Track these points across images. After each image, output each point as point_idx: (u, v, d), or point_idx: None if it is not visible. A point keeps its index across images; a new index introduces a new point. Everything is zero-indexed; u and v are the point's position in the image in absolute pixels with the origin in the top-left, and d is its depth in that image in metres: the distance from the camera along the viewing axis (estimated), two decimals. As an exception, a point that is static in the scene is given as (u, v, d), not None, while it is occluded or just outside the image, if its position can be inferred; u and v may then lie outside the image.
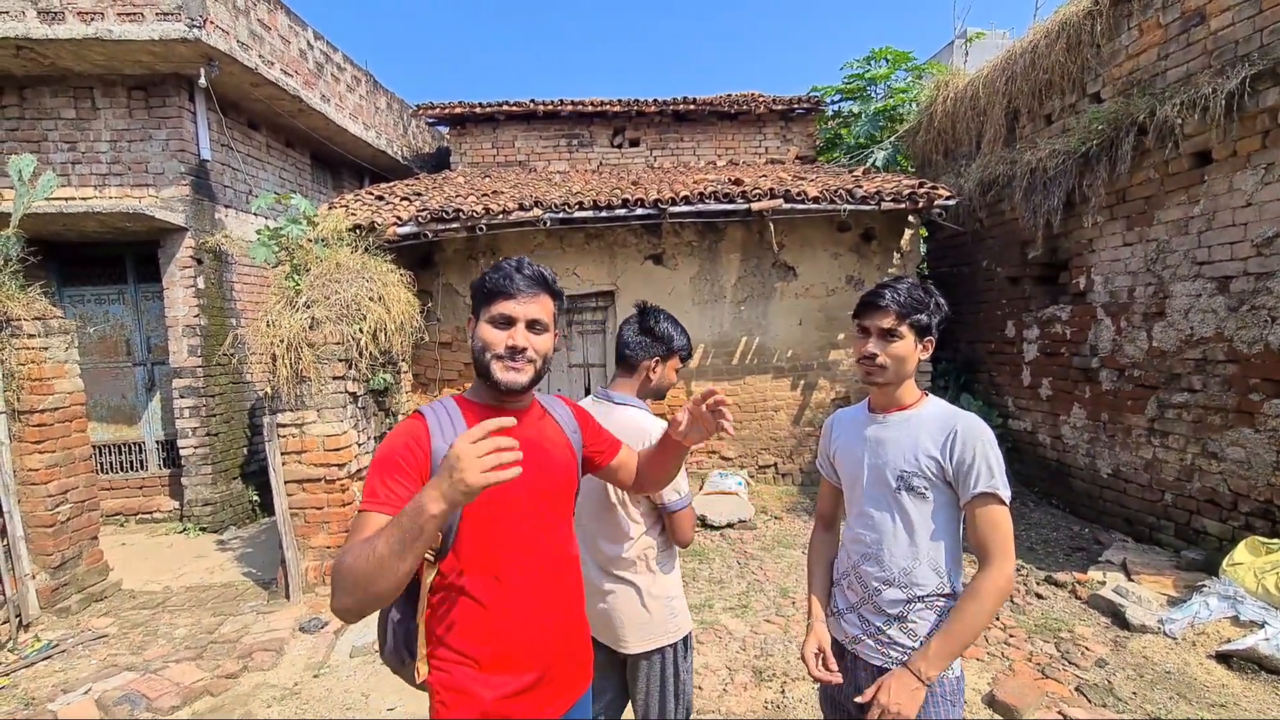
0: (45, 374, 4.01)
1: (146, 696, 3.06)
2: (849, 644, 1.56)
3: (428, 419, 1.25)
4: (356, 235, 5.04)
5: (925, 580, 1.47)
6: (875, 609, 1.51)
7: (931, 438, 1.47)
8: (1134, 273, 4.64)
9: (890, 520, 1.50)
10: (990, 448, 1.42)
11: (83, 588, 4.18)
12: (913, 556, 1.47)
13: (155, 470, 6.21)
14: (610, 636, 1.79)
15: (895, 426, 1.53)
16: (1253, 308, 3.76)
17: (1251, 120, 3.73)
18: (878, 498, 1.53)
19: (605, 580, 1.78)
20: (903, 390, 1.55)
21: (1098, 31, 4.92)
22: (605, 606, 1.77)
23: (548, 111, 8.43)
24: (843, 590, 1.61)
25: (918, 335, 1.50)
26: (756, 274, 6.50)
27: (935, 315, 1.52)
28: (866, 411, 1.63)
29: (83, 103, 5.60)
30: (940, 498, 1.47)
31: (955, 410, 1.51)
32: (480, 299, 1.31)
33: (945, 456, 1.44)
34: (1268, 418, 3.68)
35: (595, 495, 1.79)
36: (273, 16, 6.22)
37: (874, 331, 1.51)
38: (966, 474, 1.42)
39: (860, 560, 1.55)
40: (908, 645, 1.46)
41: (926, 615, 1.47)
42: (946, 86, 7.08)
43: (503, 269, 1.30)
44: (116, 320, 6.17)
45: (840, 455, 1.67)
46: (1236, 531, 3.85)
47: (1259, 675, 2.91)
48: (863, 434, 1.59)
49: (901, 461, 1.49)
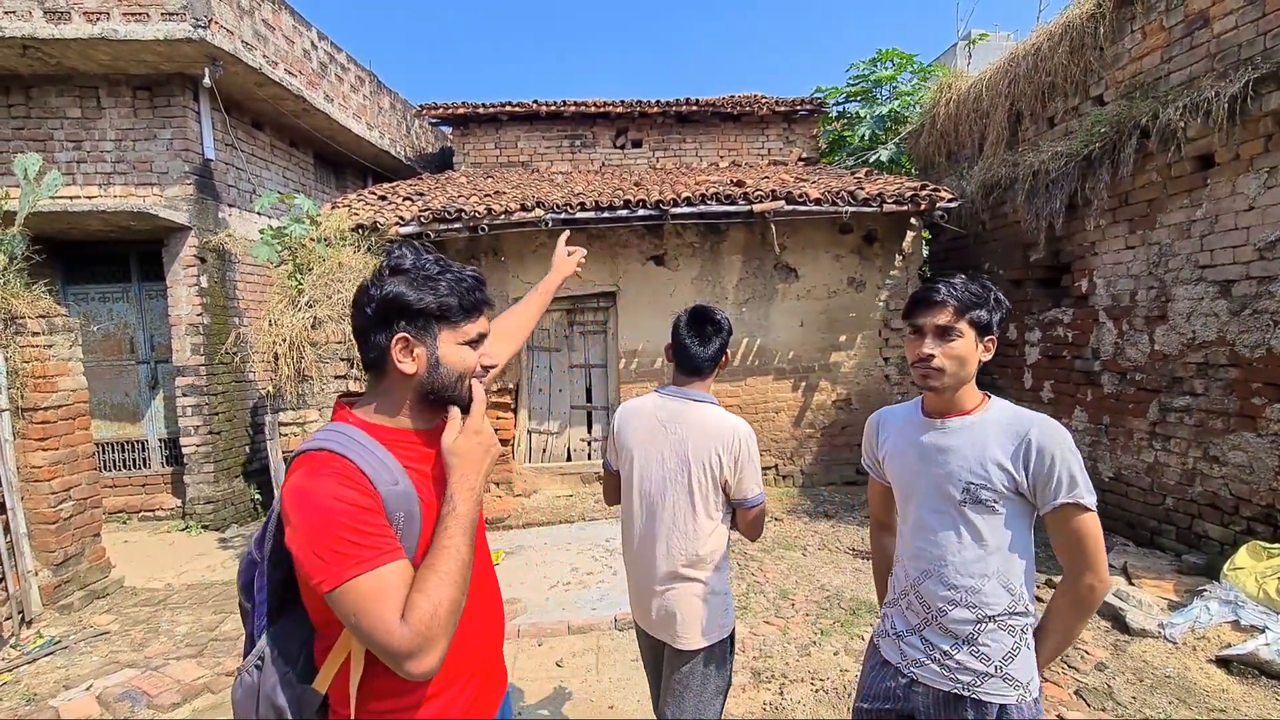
0: (49, 371, 4.03)
1: (147, 693, 3.08)
2: (907, 667, 1.44)
3: (354, 461, 1.01)
4: (359, 235, 5.07)
5: (995, 599, 1.34)
6: (941, 630, 1.39)
7: (1001, 446, 1.34)
8: (1136, 276, 4.63)
9: (955, 535, 1.37)
10: (1070, 453, 1.29)
11: (85, 585, 4.20)
12: (981, 574, 1.35)
13: (158, 468, 6.23)
14: (668, 633, 1.78)
15: (957, 434, 1.40)
16: (1255, 312, 3.75)
17: (1254, 124, 3.72)
18: (939, 511, 1.40)
19: (673, 579, 1.78)
20: (963, 393, 1.42)
21: (1101, 34, 4.91)
22: (666, 603, 1.77)
23: (550, 112, 8.45)
24: (901, 611, 1.48)
25: (978, 333, 1.38)
26: (758, 275, 6.50)
27: (996, 311, 1.39)
28: (920, 414, 1.49)
29: (88, 102, 5.63)
30: (1011, 510, 1.34)
31: (1026, 414, 1.37)
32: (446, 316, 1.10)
33: (1018, 467, 1.31)
34: (1270, 422, 3.67)
35: (679, 493, 1.78)
36: (277, 17, 6.24)
37: (929, 330, 1.38)
38: (1044, 485, 1.29)
39: (921, 578, 1.43)
40: (979, 669, 1.34)
41: (1000, 637, 1.34)
42: (949, 88, 7.07)
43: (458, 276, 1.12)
44: (120, 318, 6.20)
45: (891, 461, 1.54)
46: (1238, 536, 3.84)
47: (1259, 680, 2.90)
48: (918, 440, 1.46)
49: (966, 473, 1.35)
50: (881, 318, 6.55)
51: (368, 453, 1.03)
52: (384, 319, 1.08)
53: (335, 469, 0.99)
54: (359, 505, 0.97)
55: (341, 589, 0.92)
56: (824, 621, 3.65)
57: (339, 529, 0.94)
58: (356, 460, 1.01)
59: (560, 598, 4.06)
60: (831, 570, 4.42)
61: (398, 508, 1.02)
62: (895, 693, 1.46)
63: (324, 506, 0.95)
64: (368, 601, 0.92)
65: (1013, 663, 1.35)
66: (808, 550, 4.82)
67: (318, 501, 0.96)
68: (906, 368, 6.55)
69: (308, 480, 0.98)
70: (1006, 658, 1.34)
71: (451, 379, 1.11)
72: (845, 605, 3.83)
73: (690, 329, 1.85)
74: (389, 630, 0.92)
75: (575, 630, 3.63)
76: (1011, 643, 1.35)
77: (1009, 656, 1.34)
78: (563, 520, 5.68)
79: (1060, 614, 1.37)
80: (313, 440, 1.05)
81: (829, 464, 6.60)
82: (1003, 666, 1.34)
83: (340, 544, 0.94)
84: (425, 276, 1.09)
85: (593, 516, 5.74)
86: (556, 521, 5.65)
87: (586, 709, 2.93)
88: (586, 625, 3.67)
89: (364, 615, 0.92)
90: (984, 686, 1.34)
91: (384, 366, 1.10)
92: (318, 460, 1.00)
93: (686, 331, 1.85)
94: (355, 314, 1.13)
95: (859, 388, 6.58)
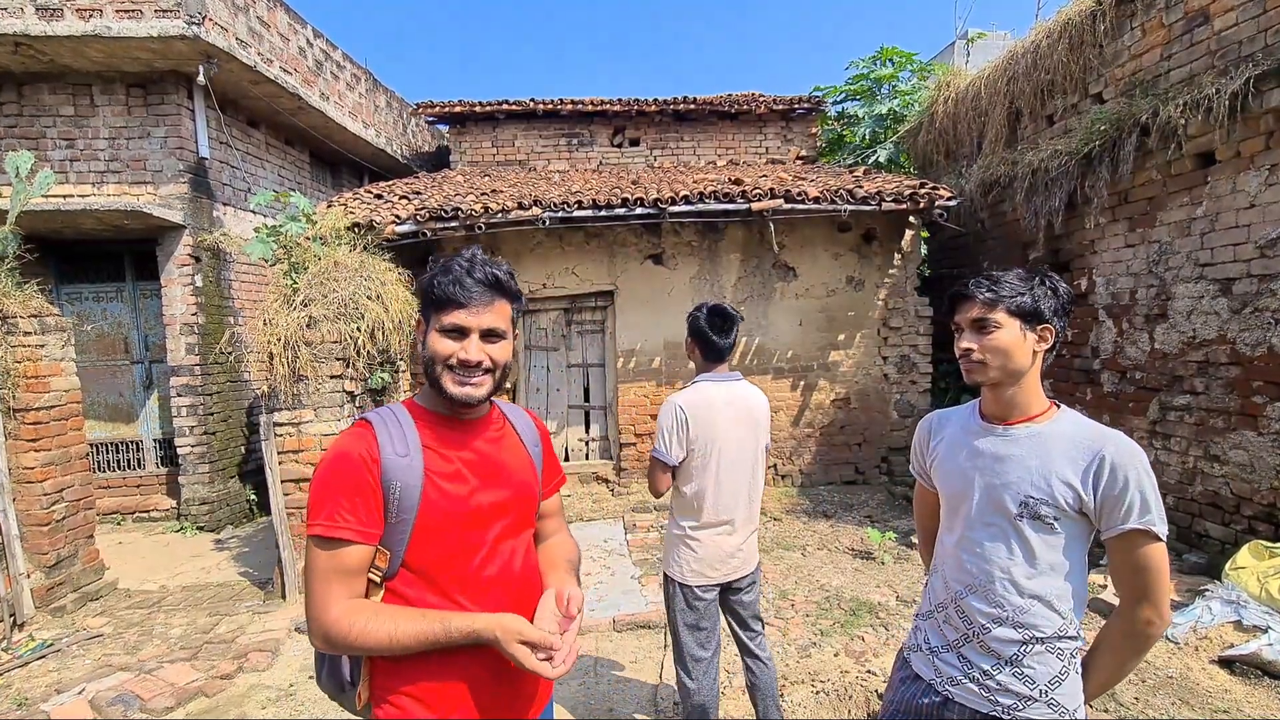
0: (41, 372, 3.99)
1: (141, 697, 3.04)
2: (942, 685, 1.37)
3: (376, 429, 1.15)
4: (355, 234, 5.02)
5: (1045, 621, 1.27)
6: (982, 649, 1.31)
7: (1070, 462, 1.25)
8: (1136, 274, 4.62)
9: (1006, 551, 1.30)
10: (1146, 475, 1.20)
11: (78, 587, 4.16)
12: (1031, 594, 1.27)
13: (152, 469, 6.19)
14: (744, 569, 2.33)
15: (1020, 442, 1.31)
16: (1256, 310, 3.74)
17: (1255, 121, 3.70)
18: (991, 523, 1.32)
19: (750, 525, 2.33)
20: (1026, 395, 1.33)
21: (1100, 31, 4.89)
22: (748, 544, 2.33)
23: (548, 111, 8.42)
24: (937, 625, 1.41)
25: (1024, 322, 1.30)
26: (757, 274, 6.48)
27: (1046, 298, 1.30)
28: (978, 418, 1.41)
29: (81, 100, 5.58)
30: (1071, 530, 1.26)
31: (1099, 429, 1.28)
32: (429, 304, 1.18)
33: (1088, 487, 1.23)
34: (1271, 420, 3.66)
35: (757, 455, 2.30)
36: (272, 14, 6.20)
37: (965, 325, 1.35)
38: (1114, 507, 1.21)
39: (964, 593, 1.35)
40: (1023, 693, 1.27)
41: (1048, 660, 1.27)
42: (948, 87, 7.06)
43: (452, 271, 1.16)
44: (114, 318, 6.15)
45: (941, 466, 1.45)
46: (1239, 535, 3.83)
47: (1262, 680, 2.88)
48: (974, 445, 1.38)
49: (1028, 486, 1.27)
50: (880, 316, 6.53)
51: (394, 425, 1.18)
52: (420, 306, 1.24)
53: (355, 436, 1.15)
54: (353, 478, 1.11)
55: (310, 539, 1.11)
56: (824, 622, 3.63)
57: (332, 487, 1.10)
58: (377, 429, 1.16)
59: (558, 599, 4.03)
60: (831, 570, 4.40)
61: (397, 478, 1.13)
62: (927, 711, 1.39)
63: (331, 466, 1.12)
64: (317, 571, 1.10)
65: (1059, 688, 1.27)
66: (807, 550, 4.79)
67: (331, 459, 1.13)
68: (905, 366, 6.54)
69: (338, 440, 1.16)
70: (1053, 682, 1.27)
71: (426, 362, 1.19)
72: (845, 606, 3.80)
73: (714, 324, 2.24)
74: (324, 609, 1.08)
75: (573, 632, 3.60)
76: (1059, 666, 1.27)
77: (1055, 681, 1.27)
78: (561, 520, 5.64)
79: (1112, 646, 1.29)
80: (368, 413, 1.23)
81: (828, 464, 6.58)
82: (1048, 691, 1.27)
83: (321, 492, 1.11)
84: (441, 270, 1.19)
85: (590, 517, 5.71)
86: (554, 522, 5.62)
87: (584, 711, 2.90)
88: (585, 627, 3.64)
89: (313, 579, 1.10)
90: (1025, 711, 1.27)
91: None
92: (356, 426, 1.19)
93: (711, 328, 2.24)
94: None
95: (858, 387, 6.56)
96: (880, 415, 6.60)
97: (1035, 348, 1.32)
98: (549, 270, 6.36)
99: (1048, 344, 1.32)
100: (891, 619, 3.63)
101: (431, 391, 1.22)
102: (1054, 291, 1.32)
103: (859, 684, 2.99)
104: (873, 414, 6.59)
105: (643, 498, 6.11)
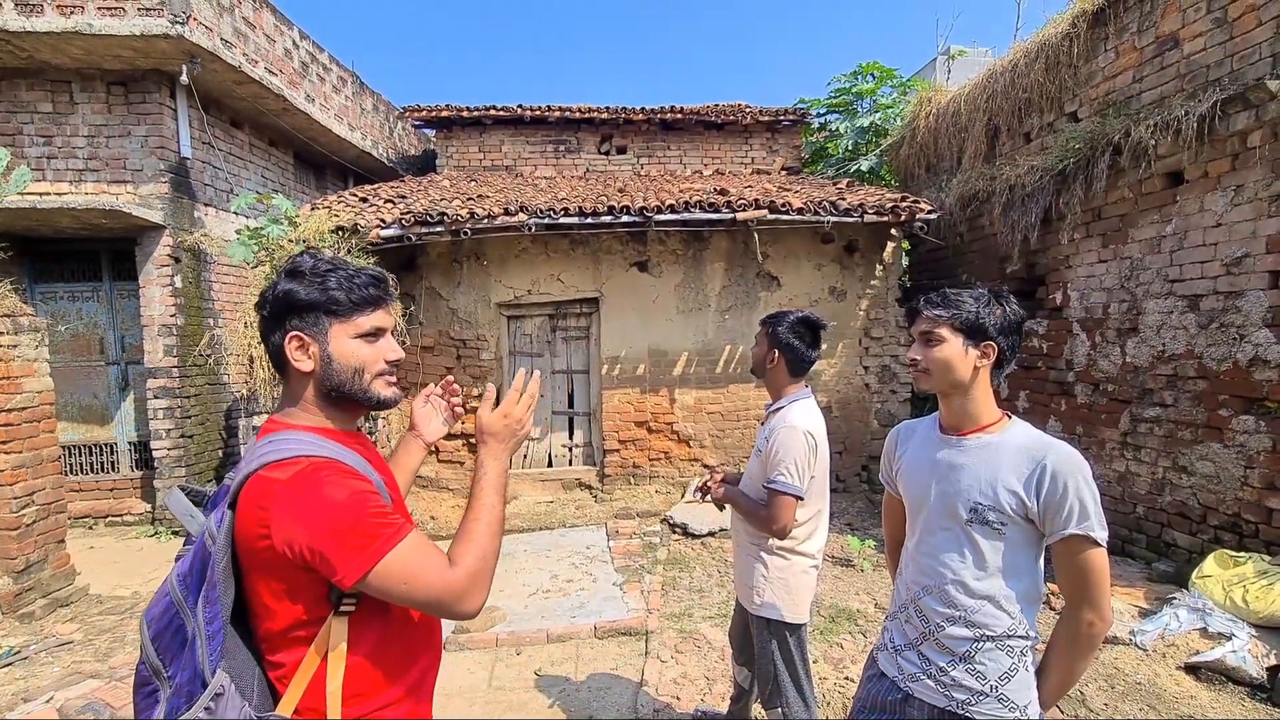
0: (13, 372, 3.91)
1: (111, 705, 2.98)
2: (904, 682, 1.44)
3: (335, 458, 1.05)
4: (339, 237, 5.00)
5: (995, 620, 1.34)
6: (939, 647, 1.39)
7: (1015, 470, 1.32)
8: (1109, 289, 4.73)
9: (958, 555, 1.37)
10: (1085, 483, 1.27)
11: (48, 592, 4.07)
12: (982, 594, 1.35)
13: (127, 472, 6.07)
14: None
15: (971, 452, 1.39)
16: (1222, 325, 3.85)
17: (1222, 143, 3.83)
18: (946, 528, 1.40)
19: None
20: (976, 407, 1.40)
21: (1075, 53, 5.03)
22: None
23: (535, 117, 8.43)
24: (900, 625, 1.49)
25: (968, 338, 1.38)
26: (741, 283, 6.53)
27: (992, 317, 1.38)
28: (938, 430, 1.49)
29: (60, 96, 5.49)
30: (1018, 535, 1.33)
31: (1044, 439, 1.35)
32: (328, 312, 1.10)
33: (1030, 493, 1.30)
34: (1236, 433, 3.77)
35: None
36: (258, 15, 6.16)
37: (916, 336, 1.45)
38: (1055, 513, 1.28)
39: (921, 594, 1.44)
40: (975, 688, 1.34)
41: (998, 657, 1.34)
42: (929, 102, 7.20)
43: (339, 272, 1.11)
44: (90, 318, 6.04)
45: (905, 474, 1.54)
46: (1206, 544, 3.93)
47: (1226, 686, 2.96)
48: (933, 455, 1.46)
49: (976, 493, 1.35)
50: (862, 326, 6.62)
51: (336, 449, 1.08)
52: (278, 318, 1.10)
53: (333, 467, 1.03)
54: (373, 490, 1.05)
55: (384, 563, 0.98)
56: (803, 629, 3.65)
57: (367, 513, 1.00)
58: (337, 457, 1.05)
59: (540, 605, 4.03)
60: (811, 578, 4.43)
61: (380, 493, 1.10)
62: (890, 707, 1.46)
63: (343, 500, 0.99)
64: (416, 562, 1.01)
65: (1008, 684, 1.33)
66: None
67: (335, 496, 0.99)
68: (886, 376, 6.63)
69: (311, 484, 0.99)
70: (1003, 678, 1.33)
71: (348, 374, 1.11)
72: (824, 613, 3.84)
73: (804, 336, 2.12)
74: (444, 577, 1.03)
75: (555, 639, 3.60)
76: (1009, 663, 1.34)
77: (1005, 677, 1.33)
78: (543, 527, 5.63)
79: (1059, 649, 1.35)
80: (272, 453, 1.03)
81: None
82: (998, 687, 1.33)
83: (371, 526, 0.99)
84: (315, 275, 1.10)
85: (573, 523, 5.70)
86: (536, 528, 5.61)
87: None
88: (566, 633, 3.63)
89: (418, 573, 1.01)
90: (978, 706, 1.33)
91: (285, 367, 1.12)
92: (303, 464, 1.01)
93: (802, 340, 2.11)
94: (258, 319, 1.17)
95: (839, 396, 6.63)
96: (861, 424, 6.68)
97: (978, 363, 1.39)
98: (534, 276, 6.37)
99: (989, 360, 1.39)
100: (870, 626, 3.67)
101: (329, 408, 1.14)
102: (1002, 311, 1.40)
103: (837, 690, 3.02)
104: (854, 422, 6.66)
105: (626, 504, 6.11)
